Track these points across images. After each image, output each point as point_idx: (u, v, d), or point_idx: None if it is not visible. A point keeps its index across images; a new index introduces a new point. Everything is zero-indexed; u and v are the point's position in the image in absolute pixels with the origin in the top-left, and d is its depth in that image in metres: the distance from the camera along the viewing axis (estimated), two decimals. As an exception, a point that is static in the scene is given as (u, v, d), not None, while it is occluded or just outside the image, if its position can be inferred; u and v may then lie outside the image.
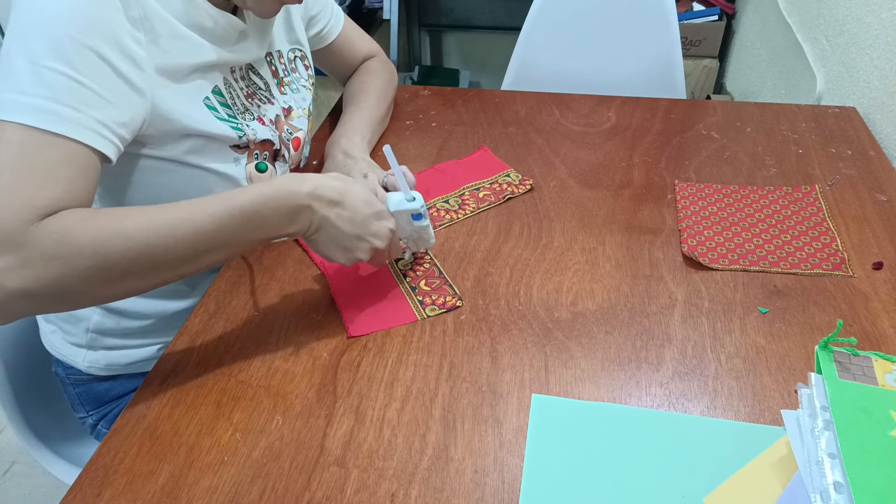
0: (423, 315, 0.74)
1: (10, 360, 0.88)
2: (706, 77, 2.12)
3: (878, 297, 0.73)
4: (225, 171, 0.76)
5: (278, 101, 0.87)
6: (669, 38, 1.40)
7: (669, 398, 0.64)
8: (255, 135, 0.78)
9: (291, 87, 0.90)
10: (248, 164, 0.78)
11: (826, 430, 0.56)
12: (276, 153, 0.83)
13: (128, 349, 0.86)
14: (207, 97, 0.74)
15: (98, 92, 0.60)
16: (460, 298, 0.76)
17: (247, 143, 0.77)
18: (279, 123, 0.85)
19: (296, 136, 0.87)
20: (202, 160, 0.74)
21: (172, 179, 0.73)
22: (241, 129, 0.76)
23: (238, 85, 0.79)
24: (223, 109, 0.75)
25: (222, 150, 0.75)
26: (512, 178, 0.96)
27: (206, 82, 0.74)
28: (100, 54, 0.60)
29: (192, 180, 0.74)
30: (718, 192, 0.91)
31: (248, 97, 0.81)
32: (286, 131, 0.86)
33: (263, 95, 0.84)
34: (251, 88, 0.82)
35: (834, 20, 1.30)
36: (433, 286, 0.78)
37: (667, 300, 0.75)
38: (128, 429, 0.63)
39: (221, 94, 0.76)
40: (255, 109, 0.81)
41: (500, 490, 0.57)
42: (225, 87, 0.76)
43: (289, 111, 0.88)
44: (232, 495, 0.57)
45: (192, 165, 0.73)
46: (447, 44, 2.76)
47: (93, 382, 0.89)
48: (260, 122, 0.80)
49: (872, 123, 1.07)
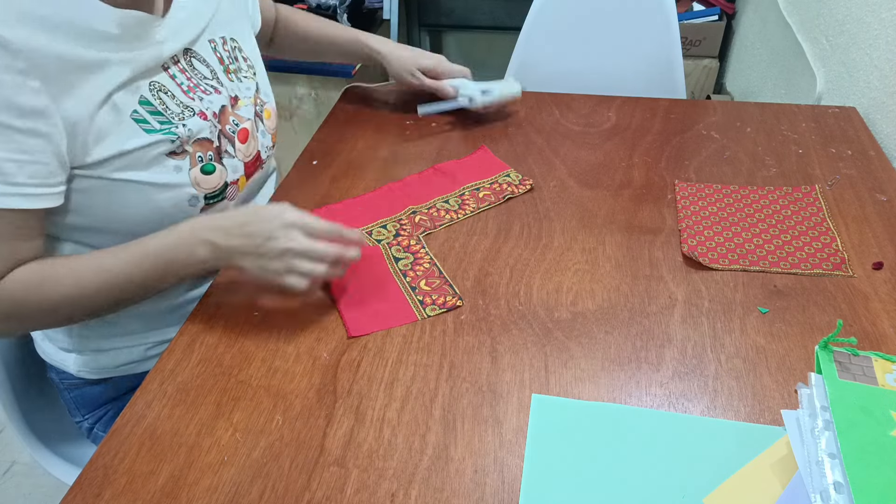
0: (424, 315, 0.74)
1: (10, 361, 0.88)
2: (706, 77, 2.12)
3: (878, 297, 0.73)
4: (166, 181, 0.73)
5: (226, 88, 0.82)
6: (669, 38, 1.40)
7: (669, 398, 0.64)
8: (190, 133, 0.74)
9: (238, 75, 0.86)
10: (192, 168, 0.75)
11: (826, 430, 0.56)
12: (218, 151, 0.78)
13: (115, 350, 0.85)
14: (135, 110, 0.70)
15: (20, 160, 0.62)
16: (460, 298, 0.76)
17: (181, 147, 0.74)
18: (224, 114, 0.80)
19: (242, 126, 0.83)
20: (140, 175, 0.71)
21: (115, 198, 0.71)
22: (174, 133, 0.73)
23: (177, 80, 0.75)
24: (154, 118, 0.72)
25: (158, 161, 0.72)
26: (512, 178, 0.96)
27: (130, 96, 0.70)
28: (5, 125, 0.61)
29: (136, 196, 0.72)
30: (718, 192, 0.91)
31: (190, 90, 0.76)
32: (231, 122, 0.81)
33: (209, 85, 0.79)
34: (194, 80, 0.77)
35: (834, 20, 1.30)
36: (433, 286, 0.78)
37: (667, 300, 0.75)
38: (127, 429, 0.63)
39: (149, 102, 0.72)
40: (196, 104, 0.76)
41: (500, 490, 0.57)
42: (153, 93, 0.72)
43: (235, 100, 0.83)
44: (232, 495, 0.57)
45: (132, 181, 0.71)
46: (447, 44, 2.76)
47: (85, 386, 0.89)
48: (202, 116, 0.76)
49: (872, 123, 1.07)
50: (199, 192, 0.76)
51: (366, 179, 0.98)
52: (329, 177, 0.99)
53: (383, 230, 0.87)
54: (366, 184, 0.97)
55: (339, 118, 1.15)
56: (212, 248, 0.70)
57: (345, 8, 2.24)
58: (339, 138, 1.09)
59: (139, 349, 0.86)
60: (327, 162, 1.02)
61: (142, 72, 0.72)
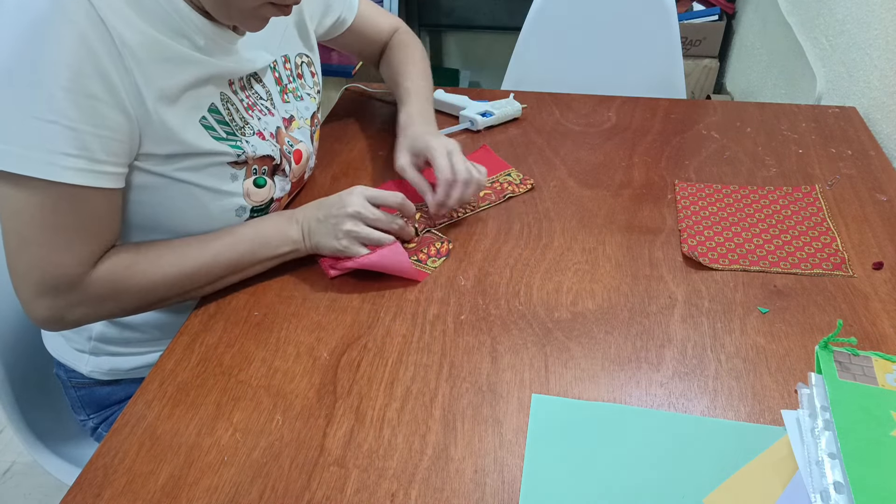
0: (430, 269, 0.79)
1: (11, 361, 0.88)
2: (706, 77, 2.12)
3: (878, 297, 0.73)
4: (221, 187, 0.74)
5: (279, 110, 0.84)
6: (669, 38, 1.40)
7: (669, 398, 0.64)
8: (255, 151, 0.76)
9: (295, 94, 0.88)
10: (246, 179, 0.76)
11: (826, 430, 0.56)
12: (275, 168, 0.80)
13: (131, 356, 0.86)
14: (204, 117, 0.72)
15: (103, 136, 0.63)
16: (449, 241, 0.82)
17: (245, 160, 0.76)
18: (280, 136, 0.83)
19: (297, 147, 0.85)
20: (197, 178, 0.72)
21: (166, 196, 0.72)
22: (241, 147, 0.75)
23: (238, 97, 0.77)
24: (221, 128, 0.74)
25: (219, 168, 0.74)
26: (513, 178, 0.96)
27: (202, 101, 0.72)
28: (93, 97, 0.61)
29: (188, 197, 0.73)
30: (718, 192, 0.91)
31: (249, 108, 0.79)
32: (287, 143, 0.83)
33: (264, 106, 0.82)
34: (252, 99, 0.80)
35: (834, 20, 1.30)
36: (415, 241, 0.83)
37: (667, 300, 0.75)
38: (128, 429, 0.63)
39: (218, 111, 0.74)
40: (255, 123, 0.79)
41: (500, 490, 0.57)
42: (222, 103, 0.74)
43: (290, 121, 0.86)
44: (232, 495, 0.57)
45: (187, 182, 0.72)
46: (447, 44, 2.76)
47: (95, 386, 0.89)
48: (260, 136, 0.78)
49: (872, 123, 1.07)
50: (248, 204, 0.77)
51: (366, 179, 0.98)
52: (329, 177, 0.99)
53: None
54: (366, 183, 0.96)
55: (339, 118, 1.15)
56: (297, 225, 0.78)
57: None
58: (339, 138, 1.09)
59: (154, 355, 0.86)
60: (327, 162, 1.02)
61: (214, 79, 0.73)
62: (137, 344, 0.86)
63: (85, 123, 0.61)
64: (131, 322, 0.83)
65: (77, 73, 0.60)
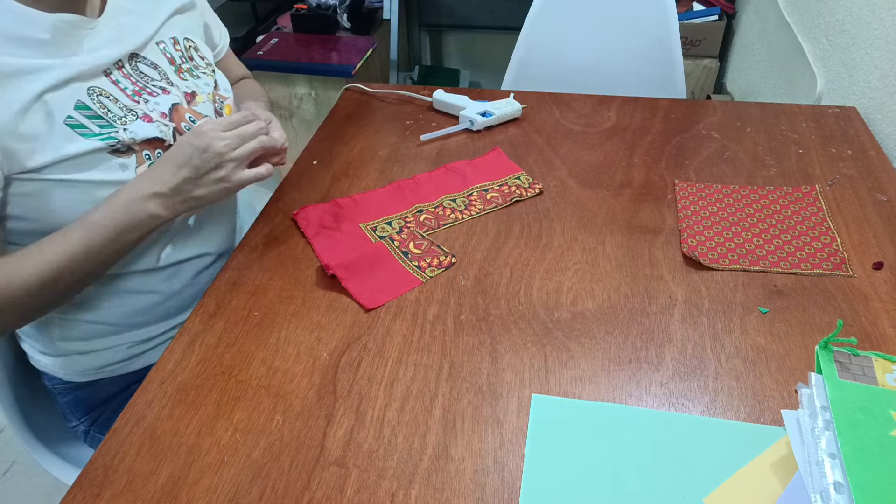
0: (426, 277, 0.78)
1: (11, 362, 0.88)
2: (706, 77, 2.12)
3: (878, 297, 0.73)
4: (111, 178, 0.72)
5: (178, 86, 0.82)
6: (669, 38, 1.40)
7: (669, 398, 0.64)
8: (135, 137, 0.74)
9: (191, 73, 0.85)
10: (139, 166, 0.74)
11: (826, 430, 0.56)
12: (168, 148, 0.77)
13: (95, 352, 0.85)
14: (69, 115, 0.69)
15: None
16: (453, 255, 0.81)
17: (126, 147, 0.73)
18: (178, 113, 0.80)
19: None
20: (82, 174, 0.70)
21: (56, 199, 0.70)
22: (114, 137, 0.72)
23: (121, 84, 0.75)
24: (93, 122, 0.71)
25: (101, 159, 0.72)
26: (522, 181, 0.95)
27: (64, 102, 0.69)
28: None
29: (79, 194, 0.71)
30: (718, 192, 0.91)
31: (135, 94, 0.76)
32: (188, 119, 0.80)
33: (157, 86, 0.79)
34: (140, 83, 0.77)
35: (834, 20, 1.30)
36: (422, 248, 0.83)
37: (667, 300, 0.75)
38: (127, 429, 0.63)
39: (87, 107, 0.71)
40: (140, 107, 0.76)
41: (500, 490, 0.57)
42: (91, 97, 0.72)
43: (192, 96, 0.83)
44: (232, 495, 0.57)
45: (74, 181, 0.70)
46: (447, 44, 2.76)
47: (76, 390, 0.89)
48: (146, 119, 0.75)
49: (872, 123, 1.07)
50: None
51: (366, 179, 0.98)
52: (329, 176, 0.99)
53: (387, 227, 0.87)
54: (366, 183, 0.97)
55: (339, 118, 1.15)
56: (160, 199, 0.72)
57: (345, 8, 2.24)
58: (339, 138, 1.09)
59: (121, 349, 0.86)
60: (327, 162, 1.02)
61: (77, 76, 0.70)
62: (97, 339, 0.85)
63: None
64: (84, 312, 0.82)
65: None
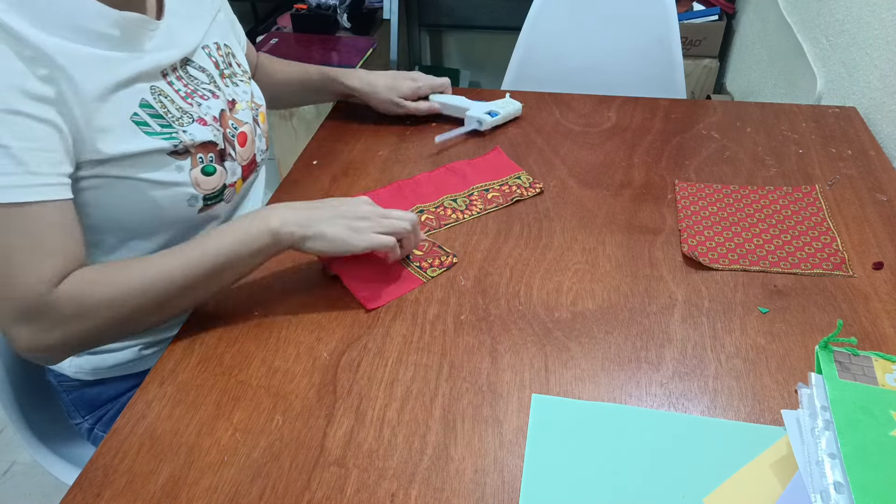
0: (427, 277, 0.79)
1: (10, 361, 0.88)
2: (706, 77, 2.12)
3: (878, 297, 0.73)
4: (167, 179, 0.73)
5: (224, 93, 0.83)
6: (669, 38, 1.40)
7: (669, 398, 0.64)
8: (194, 139, 0.75)
9: (232, 79, 0.87)
10: (193, 169, 0.76)
11: (826, 430, 0.56)
12: (221, 153, 0.79)
13: (110, 352, 0.85)
14: (135, 113, 0.71)
15: (34, 148, 0.62)
16: (455, 256, 0.81)
17: (185, 149, 0.75)
18: (224, 119, 0.81)
19: (241, 130, 0.84)
20: (141, 173, 0.72)
21: (114, 195, 0.71)
22: (176, 138, 0.74)
23: (175, 87, 0.76)
24: (155, 121, 0.73)
25: (161, 160, 0.73)
26: (522, 181, 0.95)
27: (131, 98, 0.71)
28: (18, 112, 0.61)
29: (135, 193, 0.72)
30: (718, 192, 0.91)
31: (188, 96, 0.77)
32: (231, 126, 0.82)
33: (206, 90, 0.81)
34: (192, 86, 0.79)
35: (834, 20, 1.30)
36: (424, 249, 0.82)
37: (667, 300, 0.75)
38: (128, 429, 0.63)
39: (150, 105, 0.73)
40: (195, 110, 0.77)
41: (500, 490, 0.57)
42: (154, 96, 0.73)
43: (233, 104, 0.85)
44: (232, 495, 0.57)
45: (132, 178, 0.71)
46: (447, 44, 2.76)
47: (83, 388, 0.89)
48: (201, 122, 0.77)
49: (872, 123, 1.07)
50: (199, 192, 0.77)
51: (366, 179, 0.98)
52: (329, 177, 0.99)
53: None
54: (366, 183, 0.97)
55: (339, 118, 1.15)
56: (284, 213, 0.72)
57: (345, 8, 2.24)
58: (339, 138, 1.09)
59: (132, 350, 0.86)
60: (327, 162, 1.02)
61: (142, 75, 0.72)
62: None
63: (15, 140, 0.61)
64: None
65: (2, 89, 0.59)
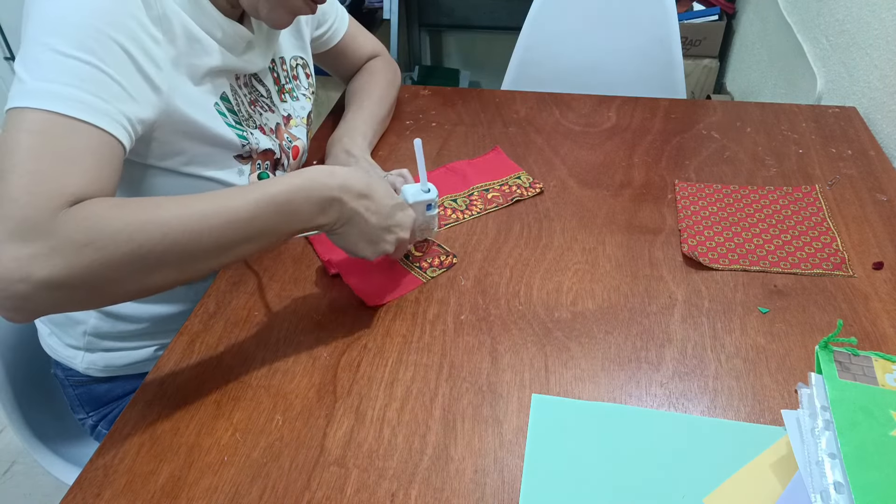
0: (427, 277, 0.79)
1: (10, 361, 0.88)
2: (706, 77, 2.12)
3: (878, 297, 0.73)
4: (228, 180, 0.76)
5: (279, 109, 0.87)
6: (669, 38, 1.40)
7: (669, 398, 0.64)
8: (258, 144, 0.79)
9: (292, 94, 0.91)
10: (252, 174, 0.79)
11: (826, 430, 0.56)
12: (276, 162, 0.83)
13: (125, 351, 0.86)
14: (217, 102, 0.74)
15: (122, 85, 0.60)
16: (455, 256, 0.81)
17: (249, 152, 0.78)
18: (279, 132, 0.85)
19: (295, 144, 0.88)
20: (204, 170, 0.74)
21: (175, 190, 0.73)
22: (246, 138, 0.77)
23: (242, 92, 0.80)
24: (230, 116, 0.76)
25: (226, 160, 0.75)
26: (522, 181, 0.95)
27: (216, 87, 0.74)
28: (124, 48, 0.60)
29: (193, 189, 0.73)
30: (718, 192, 0.91)
31: (252, 104, 0.81)
32: (286, 139, 0.86)
33: (265, 103, 0.84)
34: (254, 96, 0.82)
35: (834, 20, 1.30)
36: (423, 249, 0.82)
37: (667, 300, 0.75)
38: (128, 429, 0.63)
39: (228, 100, 0.76)
40: (257, 118, 0.81)
41: (500, 490, 0.57)
42: (231, 93, 0.77)
43: (288, 119, 0.88)
44: (232, 495, 0.57)
45: (194, 176, 0.73)
46: (447, 44, 2.76)
47: (92, 384, 0.89)
48: (261, 130, 0.81)
49: (872, 123, 1.07)
50: None
51: (366, 179, 0.98)
52: (329, 177, 0.99)
53: None
54: (366, 184, 0.97)
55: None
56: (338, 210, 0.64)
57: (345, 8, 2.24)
58: (339, 138, 1.08)
59: (148, 350, 0.87)
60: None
61: (228, 71, 0.76)
62: (132, 338, 0.86)
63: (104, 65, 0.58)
64: (124, 314, 0.83)
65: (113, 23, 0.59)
